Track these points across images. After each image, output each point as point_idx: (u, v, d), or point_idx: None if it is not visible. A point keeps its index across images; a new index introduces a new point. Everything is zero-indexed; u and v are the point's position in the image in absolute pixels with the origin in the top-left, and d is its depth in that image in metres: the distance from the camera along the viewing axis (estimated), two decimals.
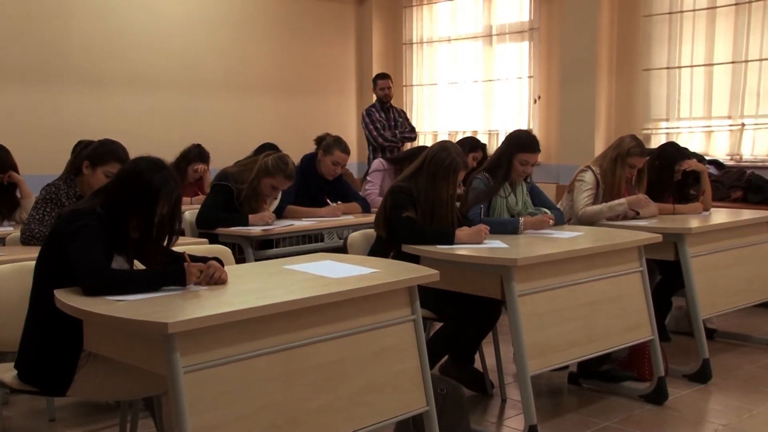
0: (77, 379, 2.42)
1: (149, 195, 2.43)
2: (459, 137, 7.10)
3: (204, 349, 2.10)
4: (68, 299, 2.26)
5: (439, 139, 6.20)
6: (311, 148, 4.69)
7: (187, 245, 3.19)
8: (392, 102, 6.75)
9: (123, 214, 2.44)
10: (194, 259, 2.51)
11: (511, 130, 7.49)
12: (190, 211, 4.34)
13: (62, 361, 2.41)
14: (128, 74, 6.81)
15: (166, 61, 7.04)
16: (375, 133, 6.51)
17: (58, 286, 2.37)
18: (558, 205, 4.16)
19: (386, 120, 6.58)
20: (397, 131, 6.56)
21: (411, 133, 6.68)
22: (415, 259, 3.20)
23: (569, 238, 3.51)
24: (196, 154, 5.53)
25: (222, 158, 4.93)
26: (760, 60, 5.99)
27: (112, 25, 6.71)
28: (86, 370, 2.42)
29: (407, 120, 6.76)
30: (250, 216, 4.08)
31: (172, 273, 2.40)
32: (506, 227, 3.61)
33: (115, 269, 2.41)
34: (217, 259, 2.55)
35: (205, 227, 4.07)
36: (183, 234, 3.94)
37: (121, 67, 6.76)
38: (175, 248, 2.64)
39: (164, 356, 2.04)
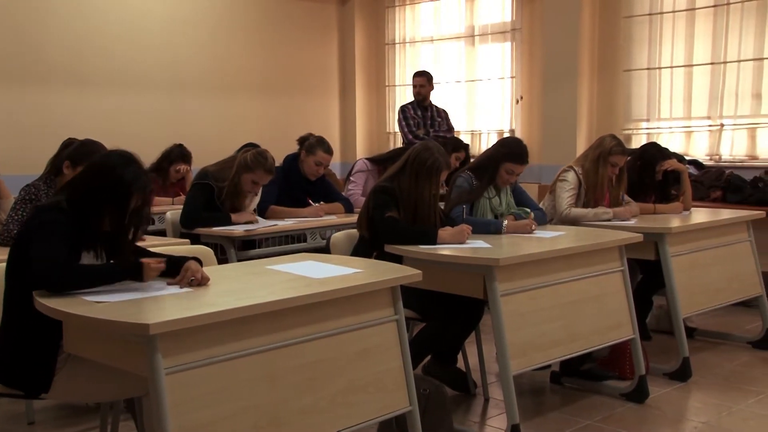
0: (57, 382, 2.40)
1: (123, 189, 2.42)
2: None
3: (186, 350, 2.09)
4: (48, 301, 2.24)
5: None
6: (294, 148, 4.67)
7: (170, 246, 3.17)
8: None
9: (95, 209, 2.41)
10: (173, 260, 2.48)
11: (493, 130, 7.68)
12: (172, 212, 4.32)
13: (40, 363, 2.39)
14: (110, 74, 6.74)
15: (149, 60, 6.98)
16: (406, 130, 6.50)
17: (28, 287, 2.33)
18: (540, 205, 4.18)
19: (422, 118, 6.54)
20: (431, 129, 6.50)
21: (447, 133, 6.54)
22: (397, 259, 3.21)
23: (551, 237, 3.52)
24: (178, 154, 5.49)
25: (205, 158, 4.89)
26: (739, 61, 6.05)
27: (94, 24, 6.64)
28: (66, 372, 2.40)
29: (446, 120, 6.68)
30: (233, 215, 4.07)
31: (129, 268, 2.38)
32: (489, 228, 3.62)
33: (71, 263, 2.36)
34: (196, 258, 2.52)
35: (190, 226, 4.06)
36: (148, 231, 3.93)
37: (104, 66, 6.70)
38: (156, 250, 2.62)
39: (146, 357, 2.03)
